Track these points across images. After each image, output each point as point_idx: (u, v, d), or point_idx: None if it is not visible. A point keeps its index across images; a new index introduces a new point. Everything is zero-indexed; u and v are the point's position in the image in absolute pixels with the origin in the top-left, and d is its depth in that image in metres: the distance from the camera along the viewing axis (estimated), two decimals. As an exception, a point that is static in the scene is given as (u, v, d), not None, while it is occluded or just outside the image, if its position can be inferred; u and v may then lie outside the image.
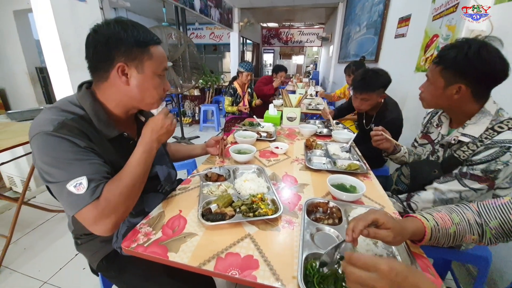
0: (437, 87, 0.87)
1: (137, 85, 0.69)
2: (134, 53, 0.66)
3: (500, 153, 0.76)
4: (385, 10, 2.98)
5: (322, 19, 9.41)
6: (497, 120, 0.82)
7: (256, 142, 1.45)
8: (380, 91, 1.51)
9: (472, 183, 0.82)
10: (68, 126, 0.61)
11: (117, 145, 0.73)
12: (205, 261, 0.59)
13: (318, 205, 0.82)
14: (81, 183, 0.58)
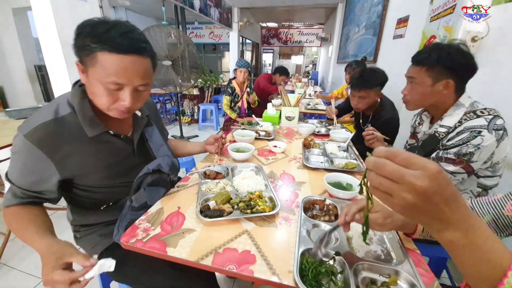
0: (424, 86, 0.94)
1: (87, 85, 0.68)
2: (83, 54, 0.62)
3: (471, 137, 0.82)
4: (383, 11, 3.00)
5: (322, 19, 9.43)
6: (470, 111, 0.89)
7: (255, 141, 1.46)
8: (378, 89, 1.55)
9: (447, 166, 0.88)
10: (40, 131, 0.64)
11: (104, 142, 0.74)
12: (203, 256, 0.60)
13: (315, 202, 0.83)
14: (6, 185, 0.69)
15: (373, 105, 1.64)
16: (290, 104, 1.94)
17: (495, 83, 1.32)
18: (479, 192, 0.92)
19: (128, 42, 0.62)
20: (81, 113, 0.69)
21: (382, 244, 0.66)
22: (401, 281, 0.55)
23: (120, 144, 0.79)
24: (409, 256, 0.60)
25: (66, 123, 0.68)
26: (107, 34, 0.60)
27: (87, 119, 0.70)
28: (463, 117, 0.89)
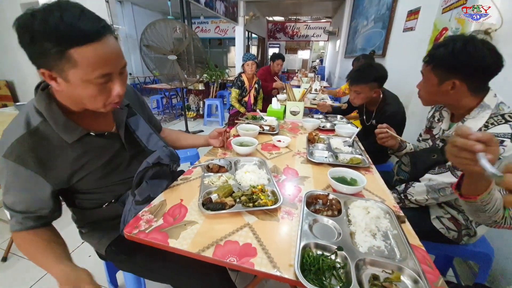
0: (431, 84, 0.90)
1: (68, 92, 0.59)
2: (50, 58, 0.51)
3: None
4: (393, 3, 2.91)
5: (329, 12, 9.24)
6: (496, 114, 0.81)
7: (259, 135, 1.45)
8: (373, 85, 1.52)
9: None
10: (18, 149, 0.60)
11: (87, 144, 0.69)
12: (204, 248, 0.61)
13: (318, 197, 0.82)
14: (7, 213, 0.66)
15: (375, 100, 1.62)
16: (295, 99, 1.91)
17: (508, 77, 1.26)
18: None
19: (92, 25, 0.53)
20: (52, 120, 0.63)
21: (386, 239, 0.65)
22: (405, 277, 0.54)
23: (105, 143, 0.74)
24: (414, 253, 0.59)
25: (40, 133, 0.63)
26: (67, 26, 0.50)
27: (60, 125, 0.64)
28: (489, 120, 0.81)
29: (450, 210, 0.96)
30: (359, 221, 0.70)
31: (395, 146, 1.18)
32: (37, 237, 0.67)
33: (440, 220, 0.98)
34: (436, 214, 0.99)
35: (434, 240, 1.00)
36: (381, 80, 1.54)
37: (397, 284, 0.53)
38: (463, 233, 0.95)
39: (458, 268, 1.46)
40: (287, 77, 10.62)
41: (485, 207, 0.63)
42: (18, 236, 0.67)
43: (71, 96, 0.63)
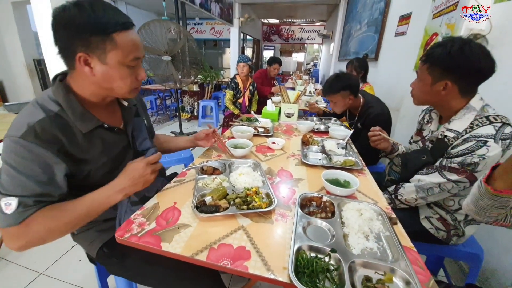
0: (425, 83, 0.92)
1: (102, 75, 0.64)
2: (94, 42, 0.59)
3: (476, 146, 0.80)
4: (386, 8, 2.98)
5: (324, 16, 9.36)
6: (481, 115, 0.85)
7: (253, 137, 1.45)
8: (344, 93, 1.60)
9: (450, 175, 0.86)
10: (38, 130, 0.60)
11: (98, 136, 0.71)
12: (198, 251, 0.60)
13: (312, 199, 0.83)
14: (11, 203, 0.58)
15: (356, 105, 1.68)
16: (289, 101, 1.93)
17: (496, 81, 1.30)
18: None
19: (125, 17, 0.64)
20: (70, 109, 0.65)
21: (379, 241, 0.66)
22: (397, 279, 0.55)
23: (115, 138, 0.77)
24: (405, 254, 0.60)
25: (59, 119, 0.64)
26: (110, 15, 0.61)
27: (77, 115, 0.66)
28: (474, 122, 0.84)
29: (439, 210, 0.98)
30: (352, 223, 0.71)
31: (387, 149, 1.21)
32: (58, 204, 0.64)
33: (429, 220, 1.00)
34: (425, 214, 1.01)
35: (424, 241, 1.02)
36: (351, 88, 1.60)
37: (389, 285, 0.53)
38: (452, 233, 0.97)
39: (449, 268, 1.49)
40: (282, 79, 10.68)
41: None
42: (34, 220, 0.60)
43: (99, 82, 0.66)
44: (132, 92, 0.71)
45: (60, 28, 0.60)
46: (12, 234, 0.59)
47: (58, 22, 0.60)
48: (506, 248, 1.18)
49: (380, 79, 2.96)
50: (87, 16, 0.58)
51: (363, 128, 1.63)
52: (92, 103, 0.71)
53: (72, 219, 0.64)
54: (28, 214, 0.60)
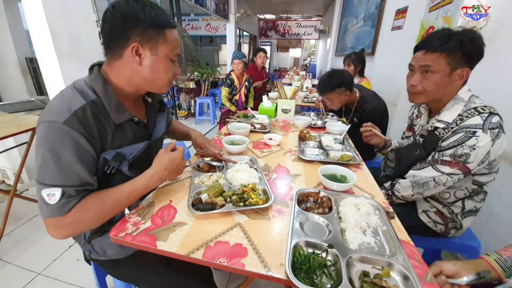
0: (442, 74, 0.85)
1: (149, 66, 0.68)
2: (149, 34, 0.65)
3: (465, 138, 0.80)
4: (382, 2, 2.95)
5: (320, 11, 9.29)
6: (468, 106, 0.85)
7: (250, 133, 1.44)
8: (340, 90, 1.59)
9: (443, 168, 0.86)
10: (80, 117, 0.60)
11: (126, 129, 0.73)
12: (194, 250, 0.59)
13: (309, 195, 0.82)
14: (54, 194, 0.57)
15: (352, 100, 1.68)
16: (286, 97, 1.91)
17: (492, 74, 1.30)
18: (474, 189, 0.91)
19: (171, 18, 0.70)
20: (107, 99, 0.66)
21: (376, 236, 0.66)
22: (394, 273, 0.55)
23: (141, 132, 0.78)
24: (403, 248, 0.59)
25: (95, 107, 0.64)
26: (163, 14, 0.67)
27: (113, 105, 0.67)
28: (464, 114, 0.84)
29: (436, 204, 0.99)
30: (349, 218, 0.70)
31: (380, 144, 1.22)
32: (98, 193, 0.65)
33: (427, 214, 1.00)
34: (422, 208, 1.01)
35: (423, 234, 1.03)
36: (346, 84, 1.59)
37: (387, 280, 0.53)
38: (450, 226, 0.97)
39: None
40: (279, 75, 10.63)
41: None
42: (78, 209, 0.60)
43: (144, 72, 0.68)
44: (167, 86, 0.75)
45: (119, 18, 0.63)
46: (57, 224, 0.60)
47: (119, 12, 0.63)
48: (502, 241, 1.19)
49: (377, 73, 2.95)
50: (148, 11, 0.64)
51: (359, 123, 1.63)
52: (125, 96, 0.73)
53: (115, 207, 0.66)
54: (72, 204, 0.60)
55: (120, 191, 0.67)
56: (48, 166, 0.57)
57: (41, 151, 0.57)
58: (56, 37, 1.80)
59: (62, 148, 0.58)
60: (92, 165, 0.64)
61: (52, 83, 1.90)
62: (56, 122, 0.57)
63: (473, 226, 1.15)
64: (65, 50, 1.85)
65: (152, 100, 0.85)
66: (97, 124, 0.63)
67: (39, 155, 0.58)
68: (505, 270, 0.66)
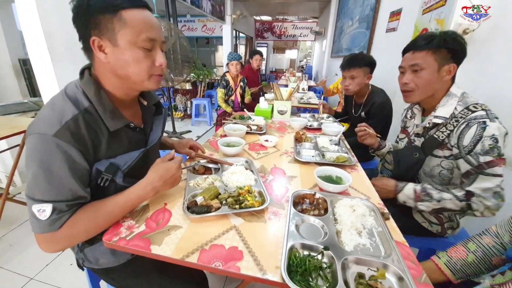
0: (431, 70, 0.89)
1: (116, 59, 0.60)
2: (103, 22, 0.57)
3: (481, 129, 0.80)
4: (377, 4, 2.98)
5: (316, 13, 9.35)
6: (464, 101, 0.88)
7: (246, 135, 1.44)
8: (366, 70, 1.60)
9: (496, 170, 0.79)
10: (72, 128, 0.56)
11: (122, 136, 0.68)
12: (189, 253, 0.59)
13: (305, 196, 0.82)
14: (45, 210, 0.55)
15: (363, 92, 1.69)
16: (282, 98, 1.92)
17: (484, 75, 1.32)
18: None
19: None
20: (101, 106, 0.62)
21: (371, 237, 0.66)
22: (389, 274, 0.55)
23: (137, 138, 0.75)
24: (398, 249, 0.60)
25: (88, 115, 0.60)
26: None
27: (108, 112, 0.63)
28: (458, 114, 0.87)
29: None
30: (345, 219, 0.70)
31: (374, 145, 1.23)
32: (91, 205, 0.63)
33: (422, 214, 1.01)
34: (417, 209, 1.02)
35: (418, 234, 1.03)
36: (372, 66, 1.62)
37: (382, 281, 0.53)
38: (446, 226, 0.98)
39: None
40: (275, 76, 10.65)
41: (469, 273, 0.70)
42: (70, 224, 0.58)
43: (117, 69, 0.61)
44: (152, 80, 0.65)
45: (75, 14, 0.58)
46: (48, 239, 0.58)
47: (74, 8, 0.58)
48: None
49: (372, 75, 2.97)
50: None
51: (366, 118, 1.66)
52: (118, 101, 0.68)
53: (109, 219, 0.64)
54: (64, 220, 0.58)
55: (114, 202, 0.65)
56: (38, 181, 0.55)
57: (31, 165, 0.55)
58: (50, 38, 1.78)
59: (53, 162, 0.55)
60: (85, 177, 0.61)
61: (46, 85, 1.88)
62: (46, 135, 0.54)
63: (468, 226, 1.16)
64: (59, 51, 1.83)
65: (148, 103, 0.80)
66: (90, 135, 0.60)
67: (30, 170, 0.55)
68: (454, 273, 0.68)
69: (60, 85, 1.85)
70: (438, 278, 0.71)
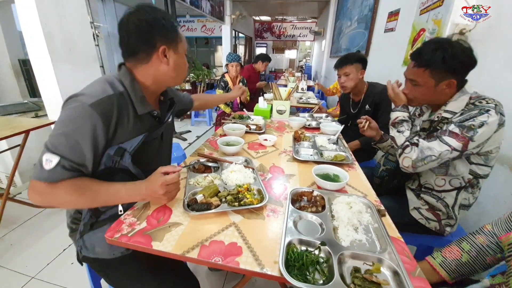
0: (428, 87, 0.92)
1: (175, 63, 0.77)
2: (172, 36, 0.74)
3: (479, 113, 0.82)
4: (375, 4, 3.00)
5: (315, 13, 9.37)
6: (478, 96, 0.89)
7: (245, 134, 1.45)
8: (358, 66, 1.65)
9: (449, 139, 0.85)
10: (105, 104, 0.66)
11: (144, 121, 0.78)
12: (189, 249, 0.60)
13: (303, 194, 0.84)
14: (51, 161, 0.61)
15: (360, 87, 1.72)
16: (281, 98, 1.93)
17: (481, 75, 1.33)
18: (470, 180, 0.92)
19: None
20: (134, 92, 0.73)
21: (367, 233, 0.67)
22: (384, 268, 0.57)
23: (155, 126, 0.83)
24: (393, 244, 0.61)
25: (121, 98, 0.71)
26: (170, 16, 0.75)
27: (138, 98, 0.74)
28: (470, 103, 0.88)
29: (429, 198, 0.99)
30: (342, 216, 0.72)
31: (376, 137, 1.25)
32: (87, 180, 0.67)
33: (419, 211, 1.02)
34: (414, 205, 1.03)
35: (414, 231, 1.05)
36: (363, 61, 1.67)
37: (377, 275, 0.54)
38: (444, 223, 0.99)
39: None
40: (275, 76, 10.66)
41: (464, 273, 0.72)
42: (60, 186, 0.63)
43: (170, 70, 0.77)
44: (183, 80, 0.88)
45: (146, 27, 0.69)
46: (40, 189, 0.62)
47: (144, 22, 0.69)
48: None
49: (370, 75, 2.99)
50: (166, 16, 0.73)
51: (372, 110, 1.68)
52: (147, 93, 0.79)
53: (92, 200, 0.67)
54: (61, 177, 0.62)
55: (105, 188, 0.68)
56: (58, 135, 0.62)
57: (60, 121, 0.64)
58: (49, 39, 1.79)
59: (79, 124, 0.63)
60: (98, 151, 0.67)
61: (46, 85, 1.89)
62: (84, 103, 0.63)
63: (465, 223, 1.18)
64: (59, 52, 1.84)
65: (164, 98, 0.90)
66: (117, 114, 0.69)
67: (57, 124, 0.64)
68: (449, 273, 0.70)
69: (60, 85, 1.86)
70: (433, 279, 0.73)
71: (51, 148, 0.61)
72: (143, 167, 0.78)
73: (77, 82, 1.93)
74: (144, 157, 0.79)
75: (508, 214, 0.70)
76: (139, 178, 0.75)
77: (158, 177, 0.69)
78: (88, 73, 2.05)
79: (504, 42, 1.22)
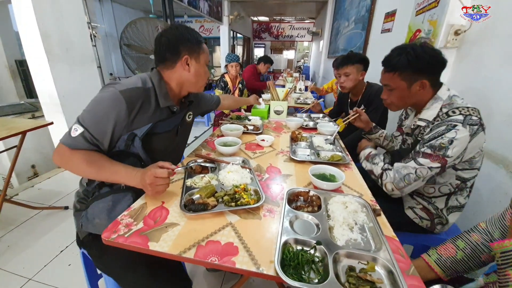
0: (401, 89, 0.96)
1: (195, 71, 0.92)
2: (194, 48, 0.90)
3: (446, 129, 0.84)
4: (372, 5, 3.02)
5: (313, 13, 9.40)
6: (451, 105, 0.90)
7: (243, 135, 1.46)
8: (359, 66, 1.66)
9: (424, 161, 0.87)
10: (133, 93, 0.80)
11: (162, 113, 0.92)
12: (186, 249, 0.60)
13: (299, 194, 0.84)
14: (77, 130, 0.76)
15: (359, 88, 1.74)
16: (279, 98, 1.94)
17: (476, 75, 1.35)
18: (458, 185, 0.94)
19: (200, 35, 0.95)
20: (159, 89, 0.88)
21: (363, 232, 0.68)
22: (379, 267, 0.57)
23: (174, 121, 0.97)
24: (387, 243, 0.62)
25: (148, 92, 0.86)
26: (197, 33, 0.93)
27: (163, 93, 0.89)
28: (442, 115, 0.90)
29: (421, 200, 1.03)
30: (337, 215, 0.73)
31: (366, 128, 1.32)
32: (98, 155, 0.79)
33: (413, 210, 1.04)
34: (408, 205, 1.05)
35: (410, 230, 1.06)
36: (365, 62, 1.67)
37: (371, 274, 0.55)
38: (436, 222, 1.00)
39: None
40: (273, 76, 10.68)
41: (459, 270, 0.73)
42: (77, 153, 0.75)
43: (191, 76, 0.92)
44: (203, 86, 1.01)
45: (174, 41, 0.88)
46: (62, 151, 0.76)
47: (173, 37, 0.88)
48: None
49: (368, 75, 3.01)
50: (191, 33, 0.90)
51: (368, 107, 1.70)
52: (171, 93, 0.94)
53: (96, 173, 0.77)
54: (81, 146, 0.76)
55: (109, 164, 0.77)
56: (89, 111, 0.78)
57: (94, 99, 0.79)
58: (46, 39, 1.79)
59: (107, 106, 0.77)
60: (116, 133, 0.80)
61: (42, 86, 1.89)
62: (115, 88, 0.78)
63: (459, 222, 1.19)
64: (55, 52, 1.84)
65: (185, 99, 1.04)
66: (141, 104, 0.82)
67: (91, 102, 0.79)
68: (444, 270, 0.71)
69: (57, 86, 1.85)
70: (428, 276, 0.74)
71: (80, 120, 0.76)
72: (151, 155, 0.89)
73: (74, 82, 1.93)
74: (155, 146, 0.91)
75: (501, 212, 0.71)
76: (147, 165, 0.79)
77: (151, 167, 0.76)
78: (85, 73, 2.04)
79: (499, 42, 1.23)
